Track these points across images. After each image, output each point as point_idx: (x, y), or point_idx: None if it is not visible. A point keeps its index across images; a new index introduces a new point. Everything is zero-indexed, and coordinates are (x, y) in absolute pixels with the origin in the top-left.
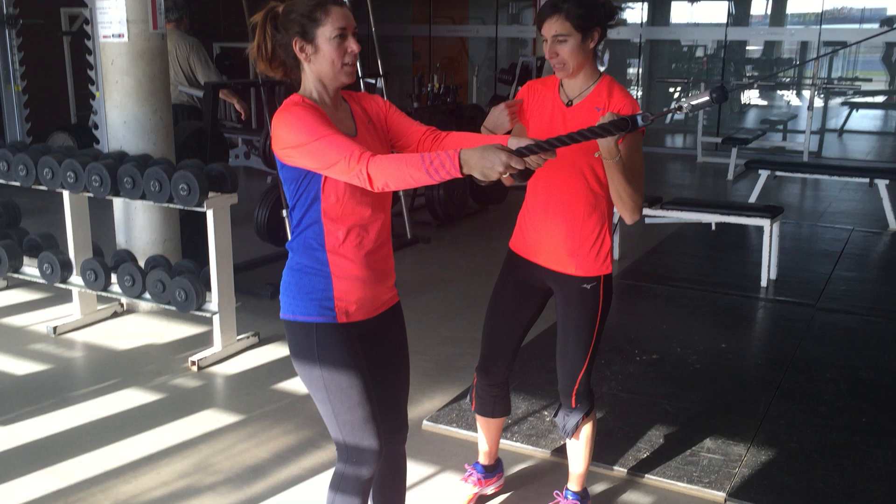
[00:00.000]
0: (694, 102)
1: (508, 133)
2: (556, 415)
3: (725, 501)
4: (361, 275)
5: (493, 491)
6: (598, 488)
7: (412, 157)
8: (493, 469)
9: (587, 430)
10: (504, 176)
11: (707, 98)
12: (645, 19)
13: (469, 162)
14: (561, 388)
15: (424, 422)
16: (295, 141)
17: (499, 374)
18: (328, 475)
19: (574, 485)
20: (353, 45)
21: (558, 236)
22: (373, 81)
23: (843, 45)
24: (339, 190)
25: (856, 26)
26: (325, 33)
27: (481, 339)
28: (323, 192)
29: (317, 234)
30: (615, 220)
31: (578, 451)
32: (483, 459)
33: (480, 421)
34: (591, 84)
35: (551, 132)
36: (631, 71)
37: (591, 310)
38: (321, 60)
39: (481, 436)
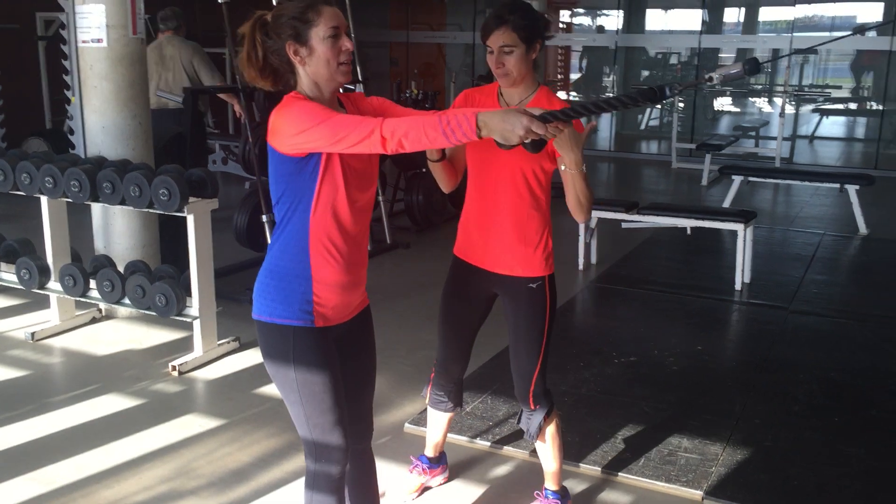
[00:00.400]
0: (725, 73)
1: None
2: (519, 420)
3: (703, 500)
4: (341, 281)
5: (438, 483)
6: (577, 488)
7: (429, 117)
8: (437, 461)
9: (551, 430)
10: (525, 141)
11: (739, 70)
12: (620, 27)
13: (489, 124)
14: (518, 393)
15: (406, 424)
16: (302, 126)
17: (455, 372)
18: None
19: (551, 484)
20: (347, 44)
21: (502, 240)
22: (352, 87)
23: (812, 49)
24: (330, 195)
25: (826, 34)
26: (319, 33)
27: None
28: (315, 196)
29: (301, 236)
30: (592, 225)
31: (547, 451)
32: (430, 452)
33: (433, 414)
34: (530, 93)
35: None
36: (606, 78)
37: (540, 309)
38: (316, 61)
39: (431, 428)
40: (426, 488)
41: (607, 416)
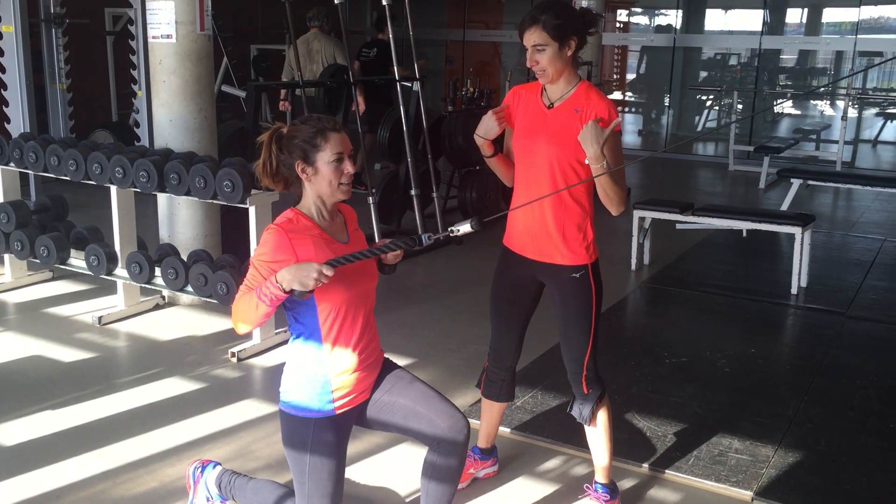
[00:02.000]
0: (461, 228)
1: (501, 136)
2: (570, 409)
3: (753, 500)
4: (357, 367)
5: (484, 475)
6: (627, 484)
7: (250, 291)
8: (489, 452)
9: (603, 416)
10: (318, 285)
11: (468, 226)
12: (679, 26)
13: (286, 278)
14: (571, 378)
15: None
16: (254, 257)
17: (507, 361)
18: (364, 462)
19: (602, 477)
20: (348, 167)
21: (544, 229)
22: (409, 84)
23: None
24: (333, 305)
25: (893, 36)
26: (325, 157)
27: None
28: (318, 306)
29: (315, 338)
30: (646, 225)
31: (599, 439)
32: (482, 443)
33: (485, 404)
34: (570, 88)
35: (533, 132)
36: (663, 78)
37: (586, 296)
38: (320, 181)
39: (484, 419)
40: (474, 479)
41: (657, 415)
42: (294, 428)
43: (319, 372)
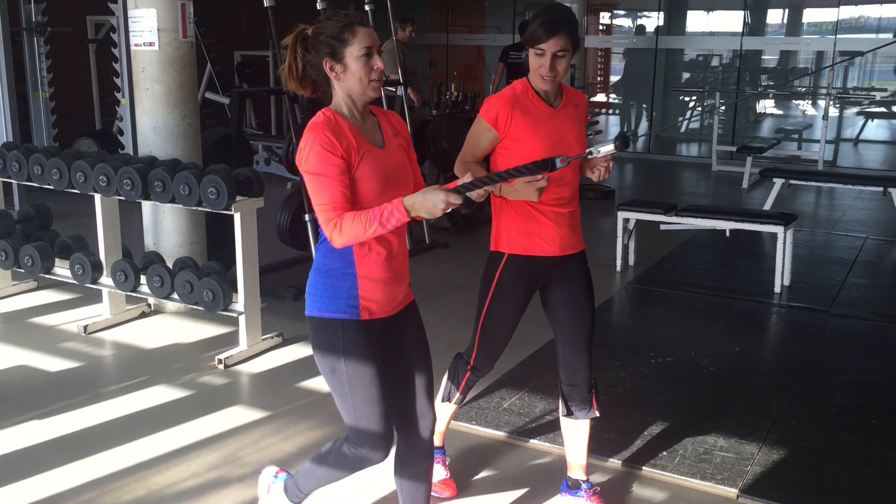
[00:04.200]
0: (602, 149)
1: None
2: (568, 412)
3: (738, 498)
4: (383, 276)
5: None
6: (613, 484)
7: (368, 214)
8: (440, 448)
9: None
10: (447, 210)
11: (611, 146)
12: (660, 28)
13: (414, 205)
14: (580, 378)
15: None
16: (306, 167)
17: (490, 367)
18: None
19: (585, 473)
20: (378, 62)
21: (573, 220)
22: (392, 89)
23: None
24: (365, 196)
25: (872, 36)
26: (353, 52)
27: (480, 340)
28: (351, 200)
29: None
30: (630, 226)
31: (588, 432)
32: (438, 441)
33: (450, 408)
34: (559, 88)
35: (552, 132)
36: (646, 80)
37: (592, 285)
38: (350, 78)
39: (445, 419)
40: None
41: (643, 415)
42: (323, 332)
43: (347, 273)
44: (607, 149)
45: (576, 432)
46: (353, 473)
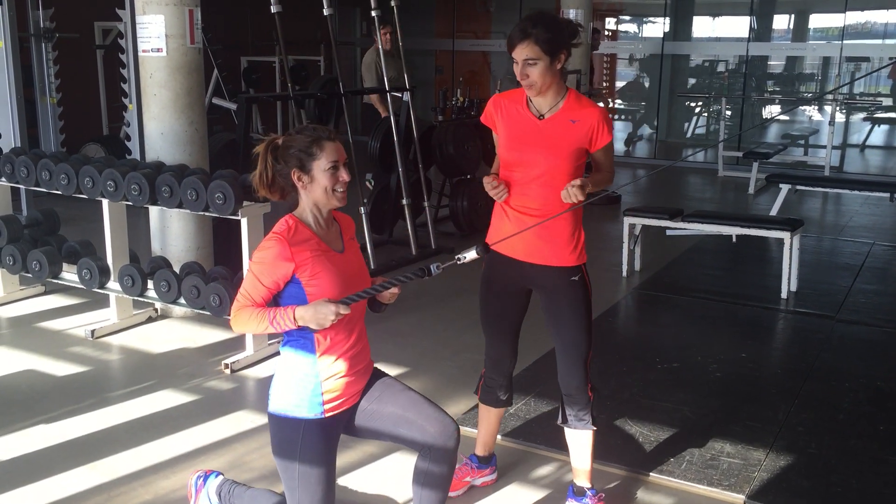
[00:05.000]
0: (467, 255)
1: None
2: (563, 420)
3: None
4: (347, 372)
5: (482, 483)
6: (619, 490)
7: (264, 312)
8: (486, 461)
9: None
10: (334, 321)
11: (474, 252)
12: (666, 34)
13: (305, 317)
14: (574, 387)
15: None
16: (254, 257)
17: (505, 366)
18: (357, 472)
19: (587, 481)
20: (344, 175)
21: (538, 231)
22: (399, 95)
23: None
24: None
25: (879, 41)
26: (321, 165)
27: (485, 340)
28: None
29: (307, 342)
30: (636, 232)
31: (590, 441)
32: (479, 450)
33: (483, 410)
34: (560, 99)
35: (526, 143)
36: (652, 85)
37: (584, 298)
38: (316, 188)
39: (481, 425)
40: (470, 487)
41: (649, 421)
42: (283, 432)
43: (310, 374)
44: (471, 255)
45: (577, 440)
46: None
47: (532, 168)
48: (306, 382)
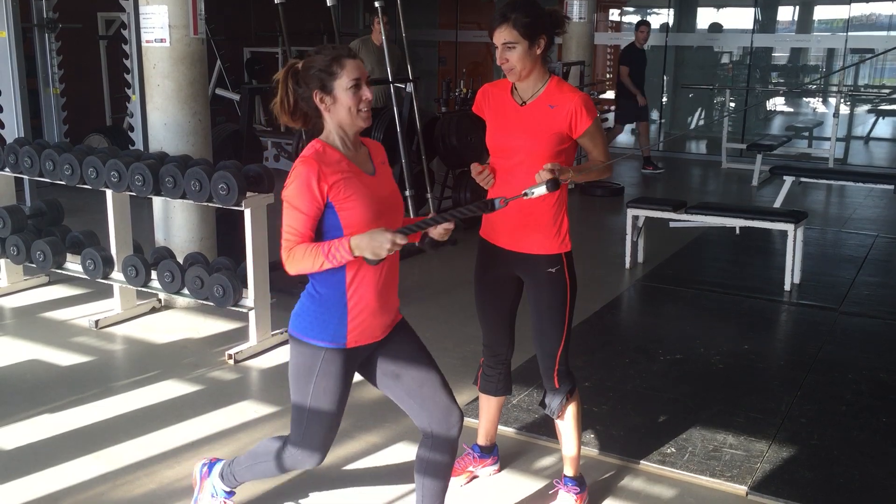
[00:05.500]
0: (535, 191)
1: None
2: (542, 402)
3: (747, 495)
4: (373, 305)
5: (487, 473)
6: (622, 481)
7: (318, 247)
8: (489, 451)
9: (572, 409)
10: (392, 252)
11: (543, 188)
12: (670, 25)
13: (360, 245)
14: (543, 371)
15: None
16: (286, 193)
17: (501, 354)
18: (362, 463)
19: (570, 470)
20: (366, 93)
21: (521, 218)
22: (402, 86)
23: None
24: (357, 227)
25: (884, 33)
26: (342, 84)
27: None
28: (343, 231)
29: (338, 270)
30: (640, 223)
31: (567, 431)
32: (481, 440)
33: (483, 400)
34: (542, 85)
35: (508, 130)
36: (656, 76)
37: (562, 289)
38: (339, 109)
39: (482, 415)
40: (474, 477)
41: (652, 412)
42: (305, 355)
43: (340, 302)
44: (540, 190)
45: (559, 427)
46: (288, 472)
47: (514, 154)
48: (334, 311)
